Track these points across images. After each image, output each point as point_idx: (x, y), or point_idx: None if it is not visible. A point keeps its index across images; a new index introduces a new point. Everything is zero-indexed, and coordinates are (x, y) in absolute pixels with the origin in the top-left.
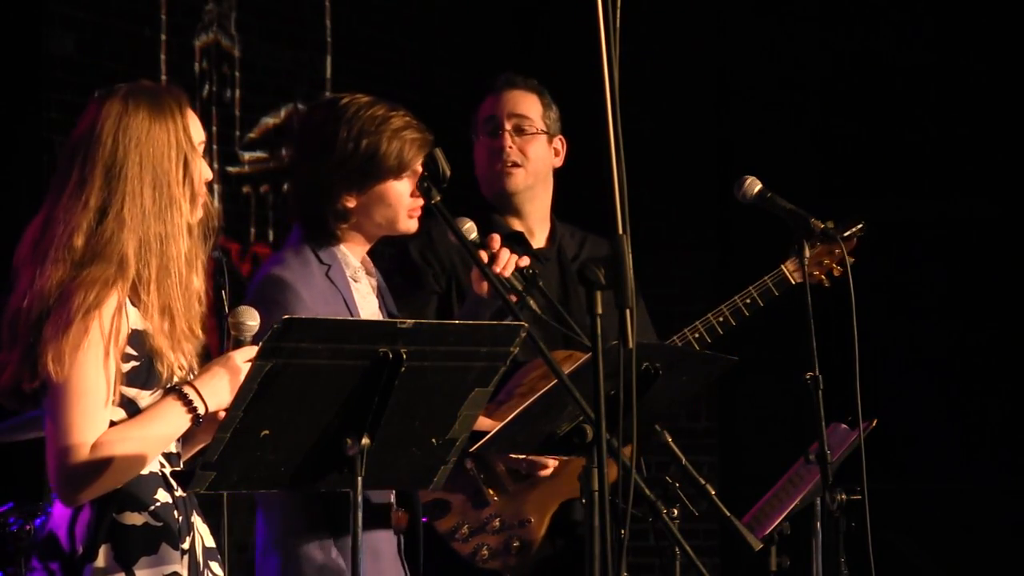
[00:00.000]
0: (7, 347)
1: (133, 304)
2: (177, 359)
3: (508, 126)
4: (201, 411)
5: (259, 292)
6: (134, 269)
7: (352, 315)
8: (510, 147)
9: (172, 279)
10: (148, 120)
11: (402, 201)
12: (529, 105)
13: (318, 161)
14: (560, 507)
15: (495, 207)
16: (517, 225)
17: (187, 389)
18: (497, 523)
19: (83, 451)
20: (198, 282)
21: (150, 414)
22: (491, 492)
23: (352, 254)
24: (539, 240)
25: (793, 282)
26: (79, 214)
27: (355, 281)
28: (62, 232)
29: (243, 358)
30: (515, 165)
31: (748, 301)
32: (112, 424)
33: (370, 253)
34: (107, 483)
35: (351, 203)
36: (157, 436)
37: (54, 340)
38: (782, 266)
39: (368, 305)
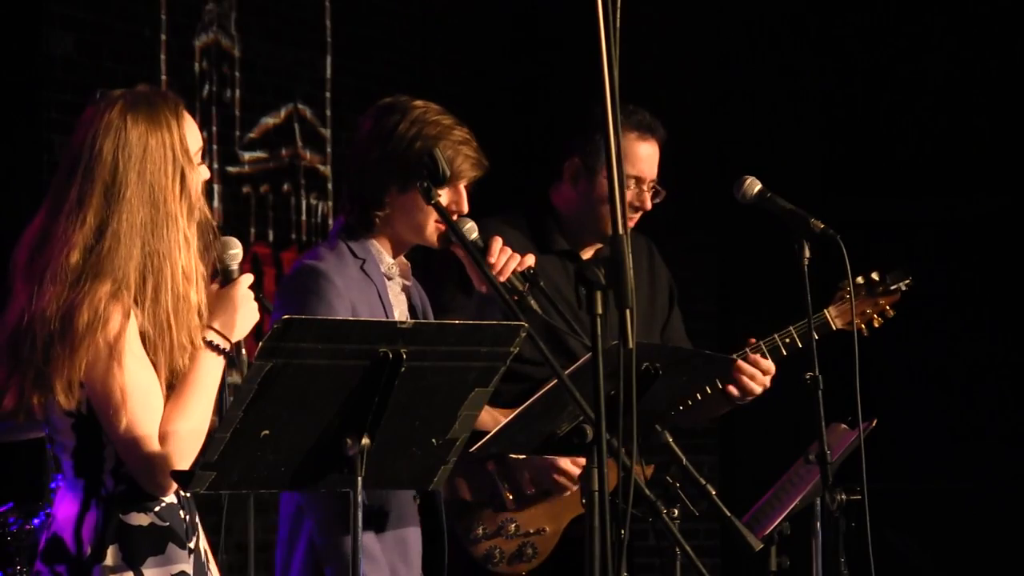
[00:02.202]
0: (6, 370)
1: (135, 314)
2: (172, 369)
3: (647, 187)
4: (226, 348)
5: (293, 281)
6: (134, 286)
7: (385, 307)
8: (648, 208)
9: (169, 294)
10: (146, 134)
11: (434, 212)
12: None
13: (373, 148)
14: (574, 519)
15: (560, 221)
16: (573, 242)
17: (210, 335)
18: (513, 528)
19: (151, 442)
20: (196, 296)
21: (194, 379)
22: (509, 496)
23: (384, 250)
24: (588, 252)
25: (834, 328)
26: (77, 232)
27: (388, 278)
28: (60, 250)
29: (245, 284)
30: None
31: (787, 341)
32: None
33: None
34: (189, 457)
35: (389, 197)
36: (208, 396)
37: (62, 370)
38: (824, 311)
39: (399, 304)
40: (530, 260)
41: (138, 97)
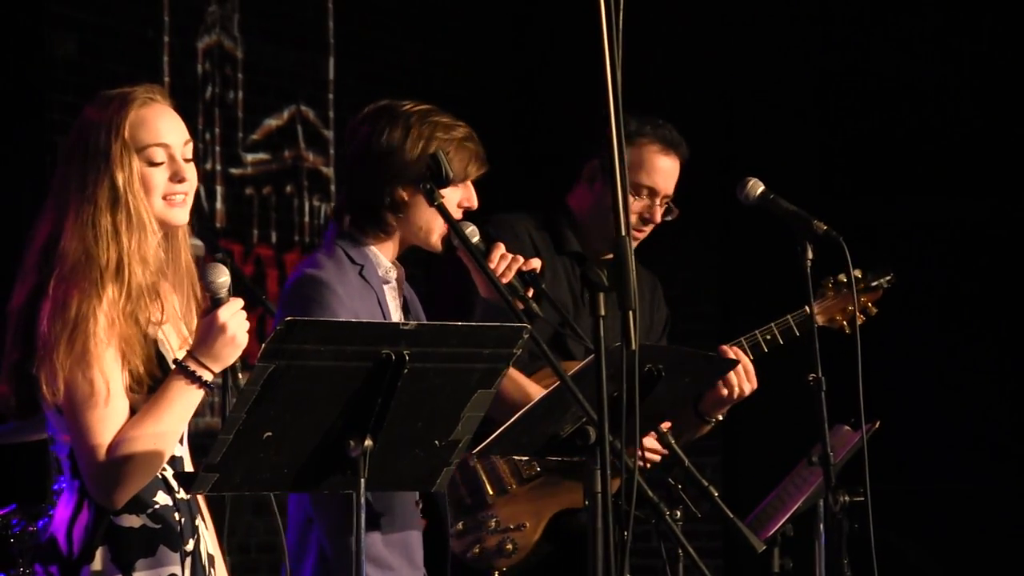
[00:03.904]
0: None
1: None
2: (125, 367)
3: (660, 201)
4: (208, 378)
5: (295, 292)
6: (90, 272)
7: (384, 313)
8: (658, 222)
9: (99, 286)
10: (88, 127)
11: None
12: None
13: (381, 155)
14: (555, 515)
15: (574, 224)
16: (584, 246)
17: (188, 363)
18: (493, 524)
19: (100, 452)
20: (116, 291)
21: (161, 400)
22: (491, 492)
23: (383, 255)
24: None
25: (816, 324)
26: (44, 222)
27: (386, 282)
28: (33, 242)
29: (229, 313)
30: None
31: (768, 337)
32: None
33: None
34: (136, 477)
35: (403, 201)
36: (172, 420)
37: (44, 363)
38: (806, 307)
39: (395, 309)
40: (535, 263)
41: (107, 93)
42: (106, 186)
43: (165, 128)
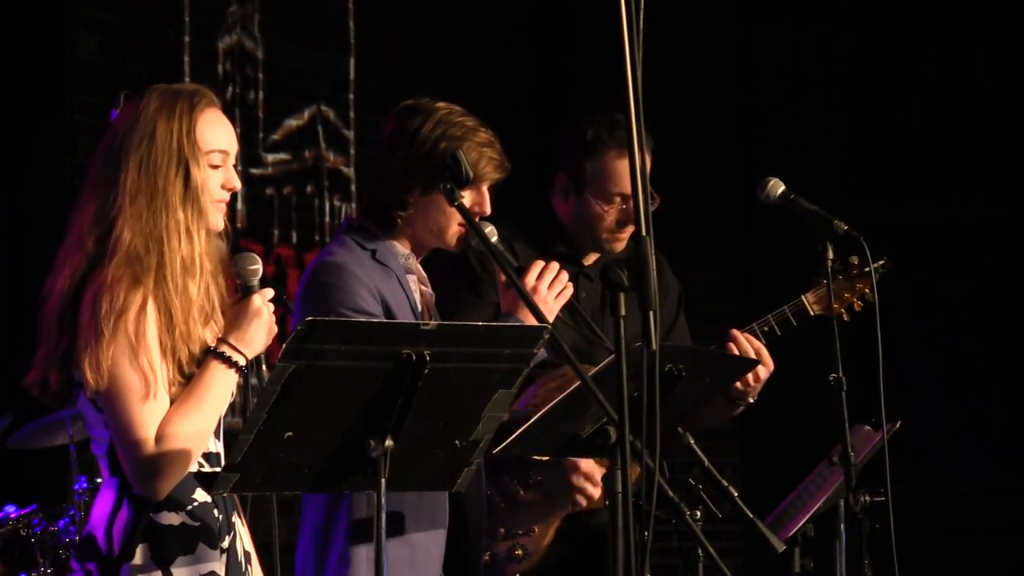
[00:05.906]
0: (40, 344)
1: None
2: (174, 361)
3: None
4: (242, 363)
5: (312, 281)
6: (146, 263)
7: (406, 293)
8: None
9: (168, 280)
10: (155, 120)
11: (456, 214)
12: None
13: (396, 150)
14: (567, 517)
15: (556, 229)
16: (572, 248)
17: (223, 348)
18: (502, 531)
19: (148, 445)
20: (196, 290)
21: (200, 386)
22: (497, 499)
23: (399, 247)
24: (589, 259)
25: (812, 313)
26: (88, 212)
27: (408, 272)
28: (76, 229)
29: (262, 300)
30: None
31: (766, 329)
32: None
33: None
34: (180, 467)
35: (412, 199)
36: (213, 406)
37: (88, 348)
38: (802, 296)
39: (418, 299)
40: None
41: (169, 89)
42: (179, 182)
43: (227, 135)
